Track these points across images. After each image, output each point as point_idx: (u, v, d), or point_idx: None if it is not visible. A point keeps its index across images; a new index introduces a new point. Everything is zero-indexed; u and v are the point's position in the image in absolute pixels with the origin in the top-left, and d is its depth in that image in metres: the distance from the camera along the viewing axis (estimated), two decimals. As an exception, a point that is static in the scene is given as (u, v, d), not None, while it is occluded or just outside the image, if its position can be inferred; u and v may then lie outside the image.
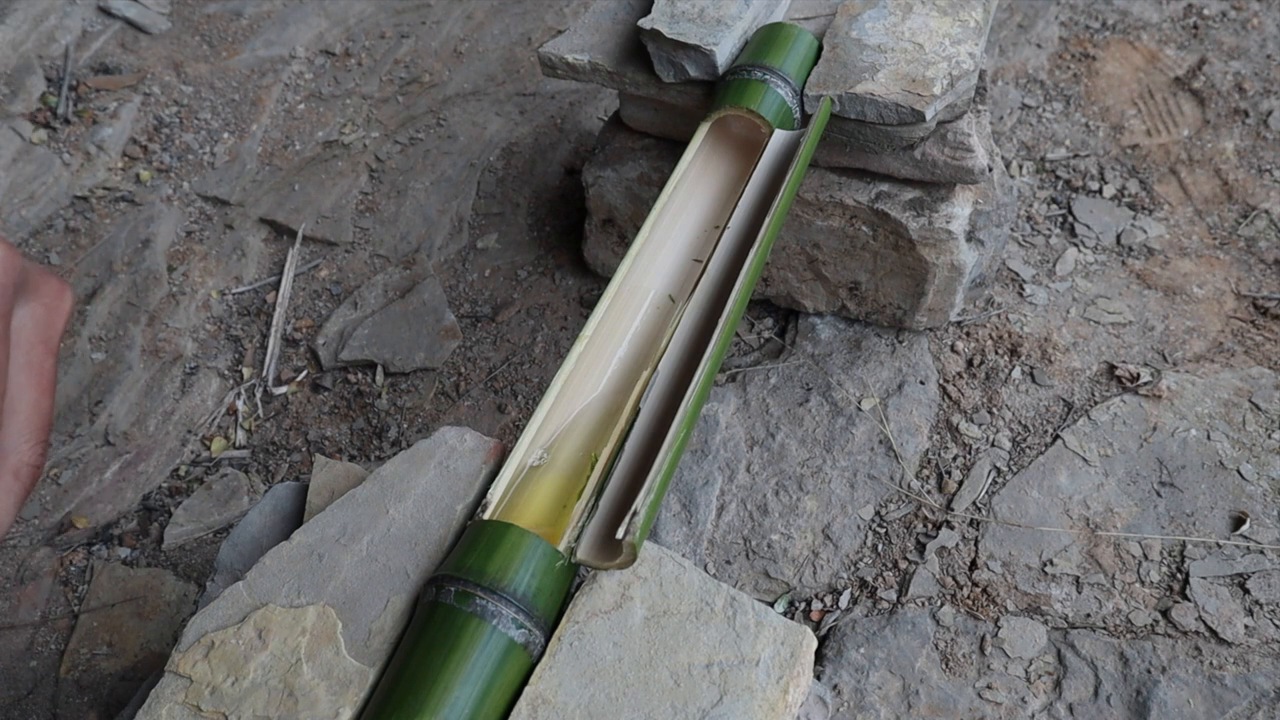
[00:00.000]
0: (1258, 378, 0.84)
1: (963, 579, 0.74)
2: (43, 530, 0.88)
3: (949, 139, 0.75)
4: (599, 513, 0.52)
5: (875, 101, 0.70)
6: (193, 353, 1.01)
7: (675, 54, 0.74)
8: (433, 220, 1.10)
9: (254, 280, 1.07)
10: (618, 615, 0.51)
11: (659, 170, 0.86)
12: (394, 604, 0.51)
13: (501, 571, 0.48)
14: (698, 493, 0.79)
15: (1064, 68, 1.19)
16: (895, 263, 0.82)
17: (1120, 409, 0.83)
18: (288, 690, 0.49)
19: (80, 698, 0.78)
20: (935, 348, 0.89)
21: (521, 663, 0.48)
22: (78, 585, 0.85)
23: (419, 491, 0.56)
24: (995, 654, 0.70)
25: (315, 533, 0.55)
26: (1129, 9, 1.25)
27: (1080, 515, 0.76)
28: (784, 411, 0.84)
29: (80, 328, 1.02)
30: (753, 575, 0.75)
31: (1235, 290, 0.93)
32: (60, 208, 1.14)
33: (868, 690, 0.68)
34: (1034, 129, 1.12)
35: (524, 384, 0.94)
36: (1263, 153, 1.07)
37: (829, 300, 0.89)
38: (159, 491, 0.91)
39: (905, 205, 0.79)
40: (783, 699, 0.50)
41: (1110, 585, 0.73)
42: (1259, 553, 0.73)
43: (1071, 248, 0.98)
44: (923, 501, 0.79)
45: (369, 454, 0.92)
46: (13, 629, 0.82)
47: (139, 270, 1.07)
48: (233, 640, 0.51)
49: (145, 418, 0.96)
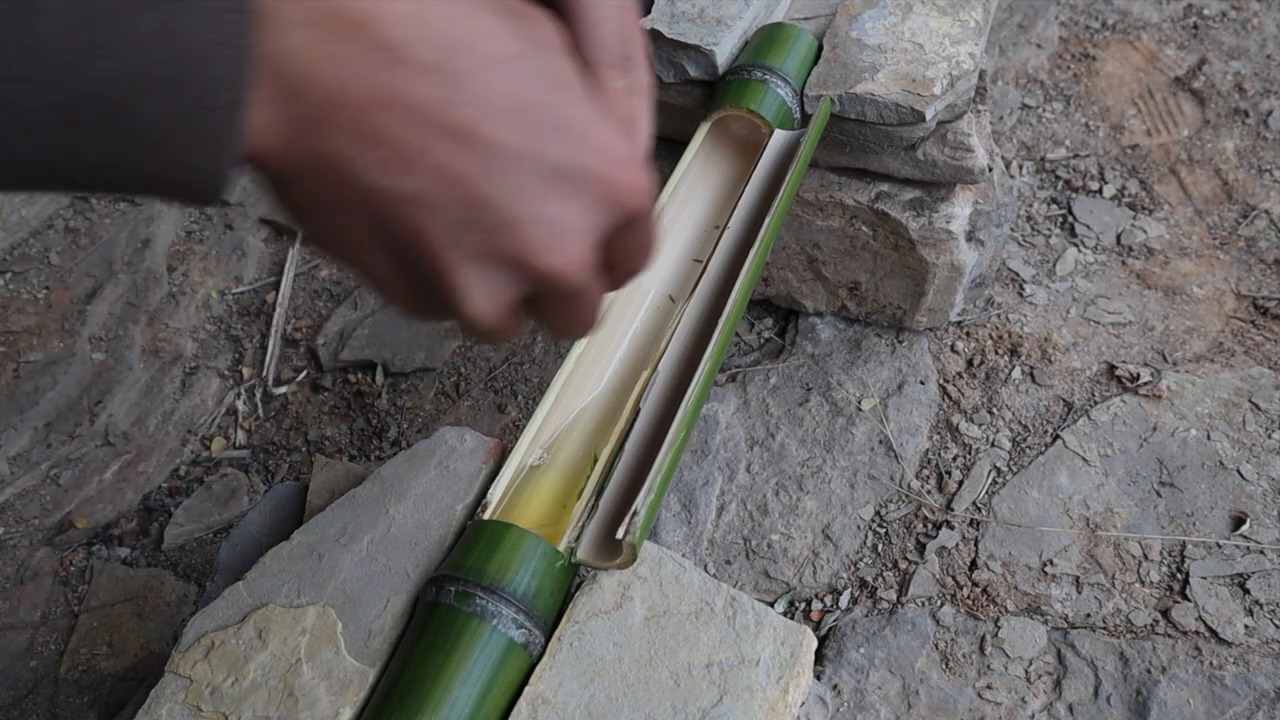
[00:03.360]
0: (1258, 378, 0.84)
1: (963, 579, 0.74)
2: (43, 530, 0.88)
3: (949, 139, 0.75)
4: (599, 513, 0.52)
5: (875, 101, 0.70)
6: (193, 353, 1.01)
7: (675, 54, 0.74)
8: (433, 220, 1.10)
9: (254, 280, 1.07)
10: (618, 615, 0.51)
11: (659, 170, 0.86)
12: (394, 604, 0.51)
13: (501, 571, 0.48)
14: (698, 493, 0.79)
15: (1064, 68, 1.19)
16: (895, 263, 0.82)
17: (1120, 409, 0.83)
18: (288, 690, 0.49)
19: (80, 698, 0.78)
20: (935, 348, 0.89)
21: (521, 663, 0.48)
22: (78, 585, 0.85)
23: (419, 491, 0.56)
24: (995, 654, 0.70)
25: (315, 533, 0.55)
26: (1129, 9, 1.25)
27: (1080, 515, 0.76)
28: (784, 411, 0.84)
29: (80, 328, 1.02)
30: (753, 575, 0.75)
31: (1235, 290, 0.93)
32: (60, 208, 1.14)
33: (868, 690, 0.68)
34: (1034, 129, 1.12)
35: (524, 384, 0.94)
36: (1263, 153, 1.07)
37: (829, 300, 0.89)
38: (159, 491, 0.91)
39: (905, 205, 0.79)
40: (783, 699, 0.50)
41: (1110, 585, 0.73)
42: (1259, 553, 0.73)
43: (1071, 248, 0.98)
44: (923, 501, 0.79)
45: (369, 454, 0.92)
46: (13, 629, 0.82)
47: (139, 270, 1.07)
48: (233, 640, 0.51)
49: (145, 418, 0.96)
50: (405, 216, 0.31)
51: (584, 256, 0.34)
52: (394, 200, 0.30)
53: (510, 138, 0.31)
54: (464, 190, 0.31)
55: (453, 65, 0.30)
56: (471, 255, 0.32)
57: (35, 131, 0.25)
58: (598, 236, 0.34)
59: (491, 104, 0.30)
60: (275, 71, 0.28)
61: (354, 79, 0.28)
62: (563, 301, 0.35)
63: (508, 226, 0.32)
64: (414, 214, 0.31)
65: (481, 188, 0.31)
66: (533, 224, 0.32)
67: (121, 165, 0.26)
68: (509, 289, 0.34)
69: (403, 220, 0.31)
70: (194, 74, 0.25)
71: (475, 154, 0.30)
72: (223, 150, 0.27)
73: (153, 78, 0.25)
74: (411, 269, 0.33)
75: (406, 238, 0.31)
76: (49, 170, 0.26)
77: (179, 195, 0.28)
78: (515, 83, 0.31)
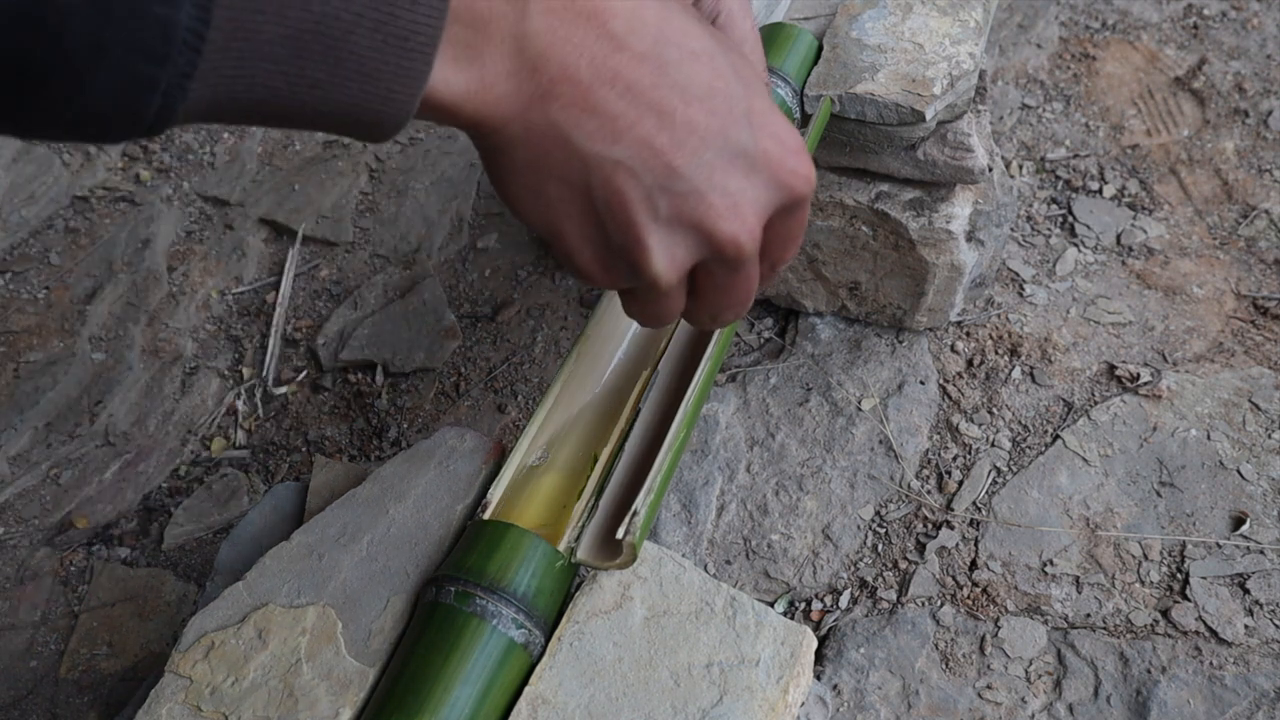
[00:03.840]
0: (1258, 378, 0.84)
1: (963, 579, 0.74)
2: (43, 530, 0.88)
3: (949, 139, 0.75)
4: (599, 513, 0.52)
5: (875, 101, 0.70)
6: (193, 353, 1.01)
7: (675, 54, 0.74)
8: (433, 220, 1.10)
9: (254, 280, 1.07)
10: (618, 615, 0.51)
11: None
12: (394, 604, 0.51)
13: (501, 571, 0.48)
14: (697, 493, 0.79)
15: (1064, 68, 1.19)
16: (895, 263, 0.82)
17: (1120, 409, 0.83)
18: (288, 690, 0.49)
19: (80, 698, 0.78)
20: (935, 348, 0.89)
21: (521, 663, 0.48)
22: (78, 585, 0.85)
23: (419, 492, 0.56)
24: (995, 654, 0.70)
25: (315, 533, 0.55)
26: (1129, 9, 1.25)
27: (1080, 515, 0.76)
28: (784, 411, 0.84)
29: (80, 328, 1.02)
30: (753, 575, 0.75)
31: (1235, 290, 0.93)
32: (60, 208, 1.14)
33: (868, 690, 0.68)
34: (1034, 129, 1.12)
35: (524, 384, 0.94)
36: (1263, 153, 1.07)
37: (829, 300, 0.89)
38: (159, 491, 0.91)
39: (905, 205, 0.79)
40: (783, 699, 0.50)
41: (1110, 585, 0.73)
42: (1259, 553, 0.73)
43: (1071, 248, 0.98)
44: (923, 501, 0.79)
45: (369, 454, 0.92)
46: (13, 629, 0.82)
47: (139, 270, 1.07)
48: (233, 640, 0.51)
49: (145, 418, 0.96)
50: (611, 180, 0.36)
51: (754, 229, 0.38)
52: (604, 164, 0.35)
53: (703, 119, 0.36)
54: (662, 160, 0.36)
55: (662, 55, 0.35)
56: (662, 218, 0.37)
57: (273, 59, 0.29)
58: (767, 213, 0.39)
59: (690, 90, 0.36)
60: (521, 48, 0.33)
61: (583, 59, 0.34)
62: (730, 273, 0.40)
63: (695, 194, 0.36)
64: (618, 178, 0.36)
65: (675, 159, 0.36)
66: (716, 193, 0.37)
67: (331, 94, 0.30)
68: (688, 253, 0.38)
69: (609, 183, 0.36)
70: (400, 17, 0.30)
71: (674, 130, 0.36)
72: (415, 84, 0.31)
73: (366, 18, 0.29)
74: (605, 232, 0.37)
75: (609, 199, 0.36)
76: (274, 95, 0.30)
77: (370, 127, 0.32)
78: (710, 74, 0.37)
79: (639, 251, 0.37)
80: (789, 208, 0.40)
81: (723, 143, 0.37)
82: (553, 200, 0.37)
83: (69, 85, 0.26)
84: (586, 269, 0.39)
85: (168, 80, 0.27)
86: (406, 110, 0.32)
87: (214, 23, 0.27)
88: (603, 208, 0.36)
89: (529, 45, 0.33)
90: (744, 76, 0.38)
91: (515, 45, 0.33)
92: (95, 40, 0.25)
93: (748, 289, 0.41)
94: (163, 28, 0.26)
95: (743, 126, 0.37)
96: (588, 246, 0.38)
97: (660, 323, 0.43)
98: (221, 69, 0.28)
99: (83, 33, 0.25)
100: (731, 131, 0.37)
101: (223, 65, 0.28)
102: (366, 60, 0.30)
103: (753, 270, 0.40)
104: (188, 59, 0.27)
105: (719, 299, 0.42)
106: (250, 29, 0.27)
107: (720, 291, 0.41)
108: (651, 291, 0.39)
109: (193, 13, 0.26)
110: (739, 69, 0.38)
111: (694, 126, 0.36)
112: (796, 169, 0.39)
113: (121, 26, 0.25)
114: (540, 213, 0.38)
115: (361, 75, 0.30)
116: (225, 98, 0.29)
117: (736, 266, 0.39)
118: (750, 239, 0.38)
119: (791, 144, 0.39)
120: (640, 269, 0.38)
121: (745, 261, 0.39)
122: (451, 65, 0.32)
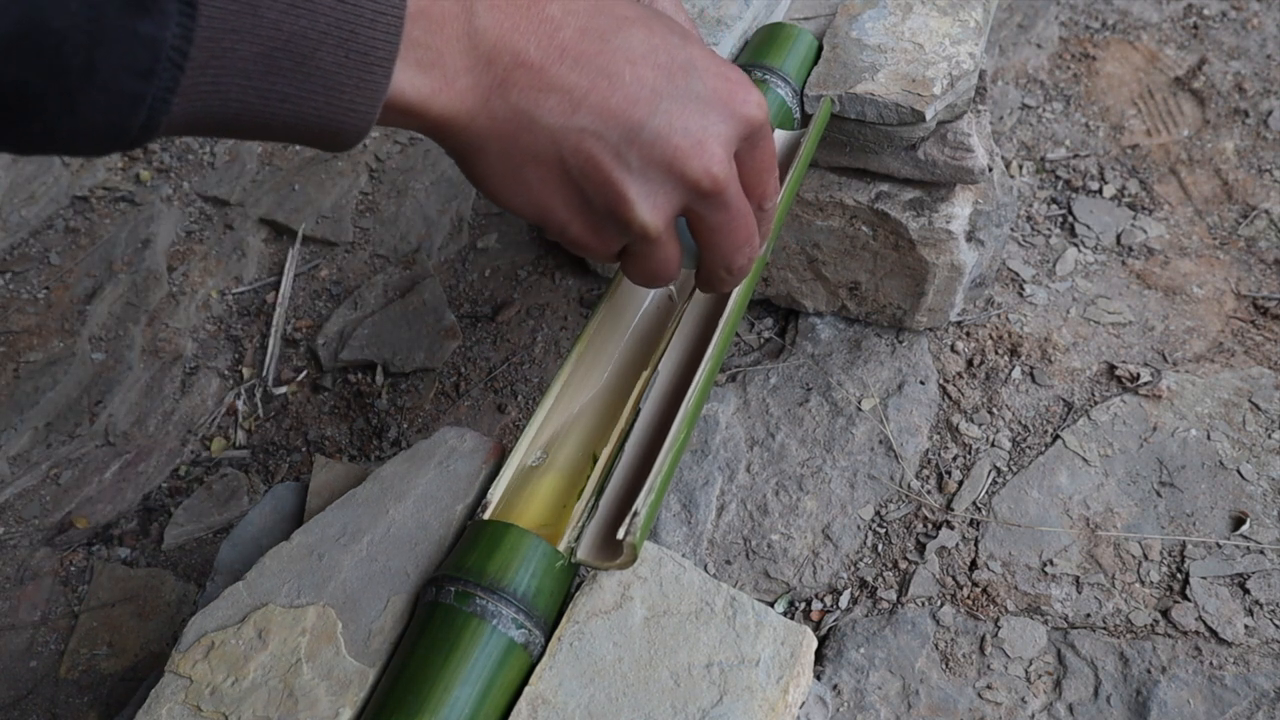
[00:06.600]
0: (1258, 378, 0.84)
1: (963, 579, 0.74)
2: (43, 530, 0.88)
3: (949, 139, 0.75)
4: (599, 513, 0.52)
5: (875, 101, 0.70)
6: (193, 353, 1.01)
7: (675, 54, 0.74)
8: (433, 220, 1.10)
9: (254, 280, 1.07)
10: (618, 615, 0.51)
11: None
12: (394, 604, 0.51)
13: (501, 571, 0.48)
14: (698, 493, 0.79)
15: (1064, 68, 1.19)
16: (895, 263, 0.82)
17: (1120, 409, 0.83)
18: (288, 690, 0.49)
19: (80, 698, 0.78)
20: (935, 348, 0.89)
21: (521, 663, 0.48)
22: (78, 585, 0.85)
23: (419, 492, 0.56)
24: (995, 654, 0.70)
25: (315, 533, 0.55)
26: (1129, 9, 1.25)
27: (1080, 515, 0.76)
28: (784, 411, 0.84)
29: (80, 328, 1.02)
30: (753, 575, 0.75)
31: (1235, 290, 0.93)
32: (60, 208, 1.14)
33: (868, 690, 0.68)
34: (1034, 129, 1.12)
35: (524, 384, 0.94)
36: (1263, 153, 1.07)
37: (829, 300, 0.89)
38: (159, 491, 0.91)
39: (905, 205, 0.79)
40: (783, 699, 0.50)
41: (1110, 585, 0.73)
42: (1259, 553, 0.73)
43: (1071, 248, 0.98)
44: (923, 501, 0.79)
45: (369, 454, 0.92)
46: (13, 629, 0.82)
47: (139, 270, 1.07)
48: (233, 640, 0.51)
49: (145, 418, 0.96)
50: (580, 147, 0.39)
51: (723, 159, 0.41)
52: (570, 134, 0.38)
53: (650, 74, 0.39)
54: (621, 118, 0.39)
55: (599, 26, 0.39)
56: (635, 169, 0.39)
57: (247, 75, 0.31)
58: (732, 145, 0.42)
59: (633, 51, 0.39)
60: (474, 44, 0.36)
61: (531, 43, 0.37)
62: (718, 209, 0.42)
63: (660, 139, 0.39)
64: (586, 143, 0.39)
65: (634, 114, 0.39)
66: (678, 135, 0.40)
67: (299, 107, 0.33)
68: (668, 198, 0.41)
69: (579, 151, 0.39)
70: (360, 35, 0.32)
71: (626, 88, 0.39)
72: (375, 96, 0.34)
73: (330, 36, 0.32)
74: (587, 198, 0.40)
75: (583, 165, 0.39)
76: (247, 109, 0.32)
77: (333, 136, 0.35)
78: (645, 34, 0.40)
79: (622, 205, 0.40)
80: (750, 137, 0.43)
81: (673, 90, 0.40)
82: (532, 182, 0.40)
83: (62, 106, 0.27)
84: (581, 239, 0.42)
85: (153, 96, 0.29)
86: (368, 120, 0.34)
87: (196, 41, 0.28)
88: (579, 175, 0.39)
89: (481, 40, 0.36)
90: (677, 30, 0.42)
91: (469, 43, 0.36)
92: (87, 61, 0.27)
93: (745, 226, 0.44)
94: (150, 46, 0.27)
95: (688, 73, 0.40)
96: (576, 217, 0.41)
97: (663, 280, 0.45)
98: (201, 84, 0.30)
99: (77, 55, 0.26)
100: (679, 79, 0.40)
101: (202, 81, 0.30)
102: (331, 75, 0.32)
103: (740, 204, 0.43)
104: (172, 75, 0.29)
105: (722, 242, 0.44)
106: (227, 47, 0.29)
107: (719, 233, 0.43)
108: (644, 243, 0.42)
109: (177, 31, 0.28)
110: (671, 26, 0.42)
111: (644, 82, 0.39)
112: (747, 98, 0.42)
113: (112, 47, 0.27)
114: (525, 198, 0.40)
115: (326, 89, 0.32)
116: (203, 111, 0.31)
117: (721, 201, 0.42)
118: (721, 168, 0.41)
119: (736, 78, 0.42)
120: (628, 221, 0.40)
121: (725, 192, 0.41)
122: (414, 69, 0.35)
